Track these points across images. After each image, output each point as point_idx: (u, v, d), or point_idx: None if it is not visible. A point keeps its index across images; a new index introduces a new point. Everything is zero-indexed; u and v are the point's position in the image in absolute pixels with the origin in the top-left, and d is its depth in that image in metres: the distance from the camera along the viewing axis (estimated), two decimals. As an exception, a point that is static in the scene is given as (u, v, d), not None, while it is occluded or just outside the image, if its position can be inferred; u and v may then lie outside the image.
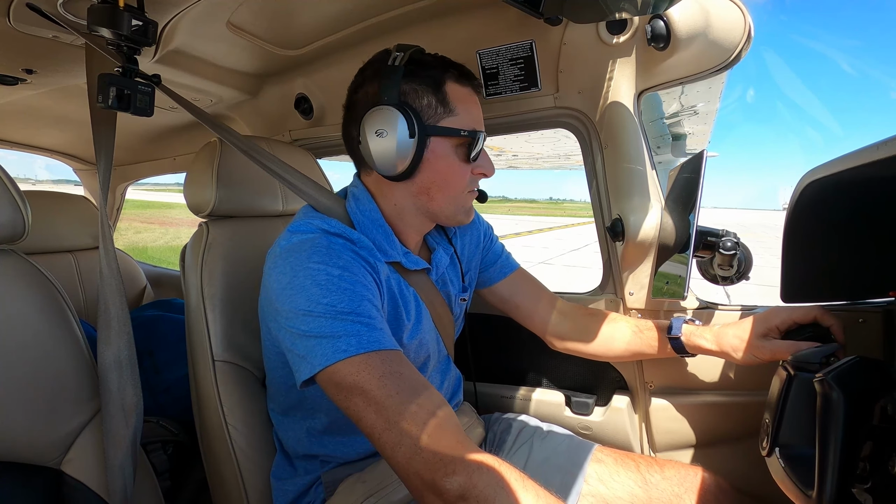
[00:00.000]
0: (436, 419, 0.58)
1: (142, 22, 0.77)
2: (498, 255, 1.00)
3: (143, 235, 15.14)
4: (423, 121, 0.73)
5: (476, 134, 0.75)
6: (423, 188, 0.77)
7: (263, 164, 0.85)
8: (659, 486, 0.82)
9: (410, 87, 0.73)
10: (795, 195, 0.71)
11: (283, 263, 0.69)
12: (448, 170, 0.76)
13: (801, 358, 0.65)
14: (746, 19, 0.83)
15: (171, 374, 1.33)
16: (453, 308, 0.91)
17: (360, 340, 0.62)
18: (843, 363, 0.54)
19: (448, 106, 0.74)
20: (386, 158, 0.73)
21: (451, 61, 0.77)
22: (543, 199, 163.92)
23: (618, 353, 0.95)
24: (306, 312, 0.64)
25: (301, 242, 0.71)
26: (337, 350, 0.61)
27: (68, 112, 1.61)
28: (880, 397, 0.53)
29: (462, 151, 0.75)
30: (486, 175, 0.80)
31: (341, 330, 0.63)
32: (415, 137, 0.72)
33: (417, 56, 0.75)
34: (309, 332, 0.63)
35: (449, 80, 0.75)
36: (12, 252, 0.69)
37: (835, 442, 0.50)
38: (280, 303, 0.67)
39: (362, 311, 0.65)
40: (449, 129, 0.74)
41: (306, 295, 0.65)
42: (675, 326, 0.87)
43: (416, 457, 0.56)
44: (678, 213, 0.88)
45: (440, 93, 0.74)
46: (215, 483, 0.91)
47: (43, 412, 0.65)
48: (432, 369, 0.88)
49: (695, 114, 1.78)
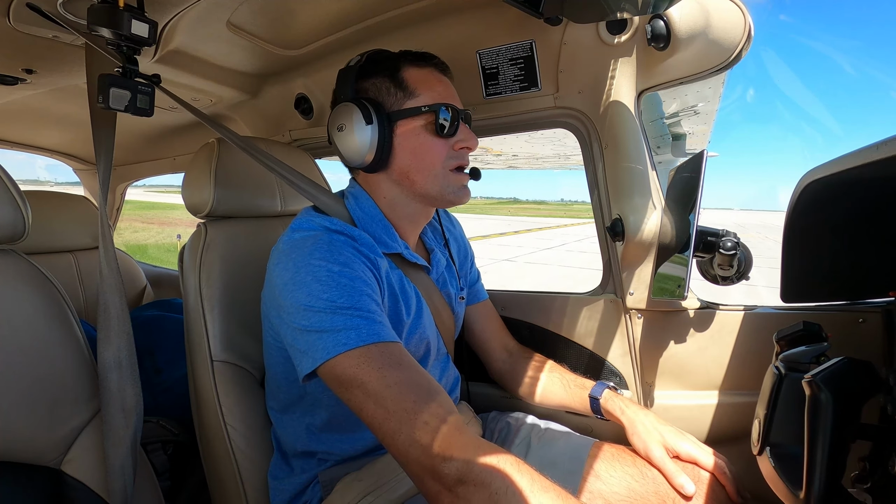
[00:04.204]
0: (433, 407, 0.60)
1: (142, 22, 0.77)
2: (474, 282, 1.06)
3: (138, 234, 15.41)
4: (387, 108, 0.76)
5: (438, 107, 0.76)
6: (402, 173, 0.79)
7: (266, 163, 0.86)
8: (656, 480, 0.82)
9: (369, 83, 0.78)
10: (795, 195, 0.71)
11: (286, 260, 0.71)
12: (421, 148, 0.77)
13: (792, 358, 0.65)
14: (746, 19, 0.83)
15: (171, 374, 1.33)
16: (454, 307, 0.93)
17: (359, 334, 0.64)
18: (831, 364, 0.54)
19: (407, 89, 0.77)
20: (351, 150, 0.77)
21: (407, 50, 0.80)
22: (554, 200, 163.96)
23: (550, 403, 1.00)
24: (307, 307, 0.66)
25: (304, 239, 0.72)
26: (337, 343, 0.63)
27: (68, 112, 1.61)
28: (868, 398, 0.54)
29: (431, 128, 0.77)
30: (469, 148, 0.81)
31: (341, 324, 0.64)
32: (372, 124, 0.75)
33: (374, 55, 0.80)
34: (310, 326, 0.65)
35: (405, 66, 0.78)
36: (12, 252, 0.69)
37: (823, 442, 0.51)
38: (283, 298, 0.69)
39: (362, 306, 0.66)
40: (410, 109, 0.76)
41: (307, 290, 0.66)
42: (597, 390, 0.92)
43: (415, 444, 0.58)
44: (678, 213, 0.88)
45: (396, 78, 0.77)
46: (214, 483, 0.91)
47: (43, 412, 0.65)
48: (431, 365, 0.89)
49: (695, 114, 1.78)
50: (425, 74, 0.79)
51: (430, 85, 0.78)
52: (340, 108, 0.77)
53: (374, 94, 0.78)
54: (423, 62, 0.79)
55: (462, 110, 0.81)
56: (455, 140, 0.79)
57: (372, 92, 0.78)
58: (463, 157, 0.81)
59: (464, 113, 0.81)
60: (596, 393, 0.92)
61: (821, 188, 0.67)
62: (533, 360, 1.03)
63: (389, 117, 0.76)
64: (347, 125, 0.75)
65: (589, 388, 0.93)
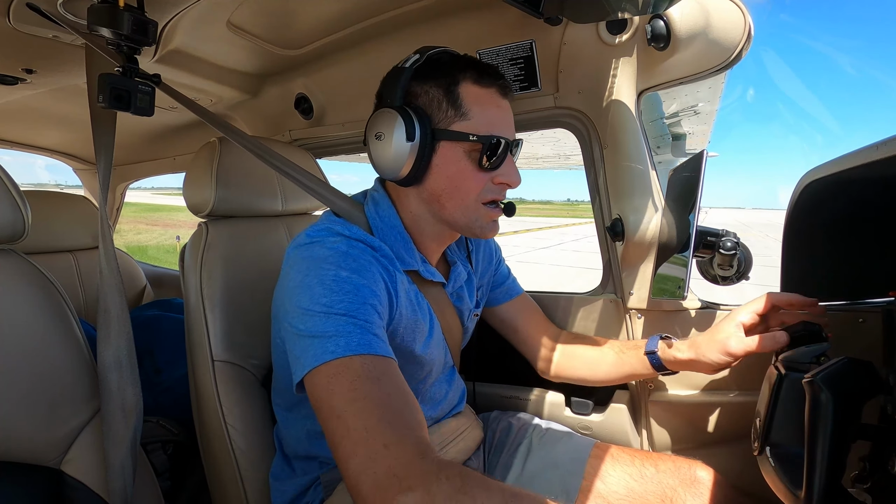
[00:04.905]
0: (400, 432, 0.54)
1: (142, 22, 0.77)
2: (505, 278, 1.01)
3: (141, 236, 15.46)
4: (434, 124, 0.70)
5: (489, 139, 0.70)
6: (433, 195, 0.74)
7: (278, 166, 0.84)
8: (654, 480, 0.82)
9: (422, 88, 0.71)
10: (795, 195, 0.71)
11: (300, 262, 0.68)
12: (459, 176, 0.72)
13: (792, 358, 0.65)
14: (746, 19, 0.83)
15: (171, 374, 1.33)
16: (465, 322, 0.90)
17: (348, 342, 0.60)
18: (832, 364, 0.54)
19: (460, 108, 0.70)
20: (385, 162, 0.71)
21: (472, 60, 0.73)
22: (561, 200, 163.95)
23: (605, 377, 0.94)
24: (305, 311, 0.63)
25: (322, 243, 0.69)
26: (325, 351, 0.59)
27: (68, 112, 1.61)
28: (869, 398, 0.54)
29: (475, 157, 0.71)
30: (510, 185, 0.75)
31: (332, 330, 0.61)
32: (414, 141, 0.69)
33: (435, 56, 0.72)
34: (304, 331, 0.62)
35: (464, 81, 0.70)
36: (12, 252, 0.69)
37: (823, 443, 0.51)
38: (289, 299, 0.66)
39: (359, 314, 0.62)
40: (457, 132, 0.70)
41: (310, 294, 0.64)
42: (652, 344, 0.87)
43: (367, 471, 0.51)
44: (678, 213, 0.88)
45: (451, 93, 0.70)
46: (214, 483, 0.91)
47: (43, 412, 0.65)
48: (437, 378, 0.87)
49: (695, 114, 1.78)
50: (484, 96, 0.71)
51: (486, 109, 0.71)
52: (383, 115, 0.70)
53: (423, 103, 0.71)
54: (486, 82, 0.72)
55: (513, 141, 0.74)
56: (496, 174, 0.73)
57: (422, 99, 0.71)
58: (500, 193, 0.75)
59: (514, 143, 0.75)
60: (652, 346, 0.86)
61: (821, 188, 0.67)
62: (583, 340, 0.98)
63: (434, 134, 0.70)
64: (387, 135, 0.69)
65: (643, 346, 0.88)
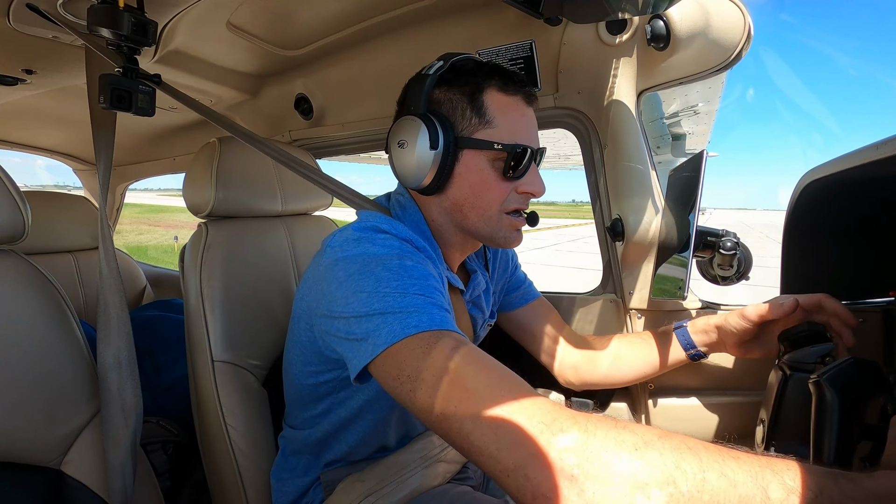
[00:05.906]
0: (526, 388, 0.50)
1: (142, 22, 0.77)
2: (521, 282, 0.98)
3: (143, 237, 15.48)
4: (457, 132, 0.69)
5: (514, 148, 0.68)
6: (455, 204, 0.72)
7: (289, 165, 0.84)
8: None
9: (445, 96, 0.70)
10: (795, 195, 0.71)
11: (352, 259, 0.63)
12: (481, 185, 0.70)
13: (797, 358, 0.65)
14: (746, 19, 0.83)
15: (171, 374, 1.33)
16: (478, 331, 0.89)
17: (432, 318, 0.55)
18: (837, 364, 0.54)
19: (485, 116, 0.69)
20: (408, 170, 0.70)
21: (498, 68, 0.71)
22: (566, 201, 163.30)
23: (646, 372, 0.90)
24: (373, 293, 0.57)
25: (372, 240, 0.65)
26: (408, 326, 0.54)
27: (68, 112, 1.61)
28: (874, 398, 0.54)
29: (499, 166, 0.70)
30: (535, 195, 0.74)
31: (411, 306, 0.56)
32: (437, 149, 0.67)
33: (459, 63, 0.71)
34: (373, 310, 0.56)
35: (489, 89, 0.69)
36: (12, 252, 0.68)
37: (829, 443, 0.51)
38: (341, 291, 0.61)
39: (435, 298, 0.59)
40: (482, 141, 0.68)
41: (375, 278, 0.59)
42: (677, 323, 0.87)
43: (507, 424, 0.46)
44: (678, 213, 0.88)
45: (476, 102, 0.69)
46: (214, 483, 0.91)
47: (43, 412, 0.65)
48: None
49: (695, 114, 1.78)
50: (509, 103, 0.70)
51: (511, 117, 0.70)
52: (407, 123, 0.69)
53: (446, 111, 0.70)
54: (512, 89, 0.70)
55: (537, 149, 0.73)
56: (520, 183, 0.72)
57: (445, 107, 0.70)
58: (524, 202, 0.73)
59: (539, 152, 0.73)
60: (680, 323, 0.86)
61: (820, 188, 0.67)
62: (606, 339, 0.94)
63: (457, 142, 0.69)
64: (410, 143, 0.68)
65: (672, 330, 0.86)
